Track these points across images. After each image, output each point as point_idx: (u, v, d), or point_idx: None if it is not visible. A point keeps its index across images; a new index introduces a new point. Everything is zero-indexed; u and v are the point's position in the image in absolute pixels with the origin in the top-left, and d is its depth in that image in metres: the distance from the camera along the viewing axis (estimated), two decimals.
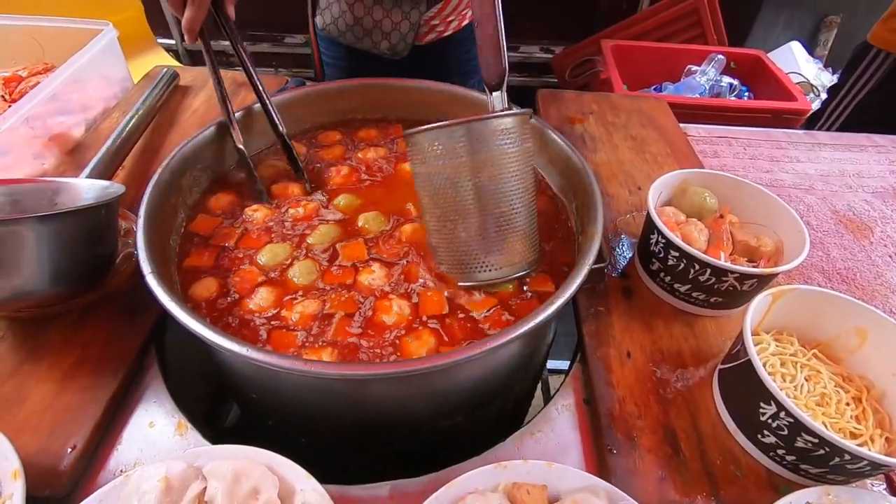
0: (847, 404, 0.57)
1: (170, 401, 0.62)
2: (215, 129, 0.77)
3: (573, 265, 0.60)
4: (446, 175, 0.58)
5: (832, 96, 1.66)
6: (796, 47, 2.56)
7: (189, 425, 0.60)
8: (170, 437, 0.59)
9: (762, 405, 0.54)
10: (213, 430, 0.61)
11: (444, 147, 0.58)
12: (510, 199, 0.59)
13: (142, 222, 0.61)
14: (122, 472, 0.55)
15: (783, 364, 0.60)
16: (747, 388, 0.56)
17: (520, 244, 0.62)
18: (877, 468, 0.50)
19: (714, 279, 0.66)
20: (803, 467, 0.54)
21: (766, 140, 1.17)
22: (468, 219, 0.59)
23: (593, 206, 0.66)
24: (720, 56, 2.11)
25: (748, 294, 0.67)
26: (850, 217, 0.97)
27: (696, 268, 0.66)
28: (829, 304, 0.61)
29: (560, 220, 0.76)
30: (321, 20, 1.16)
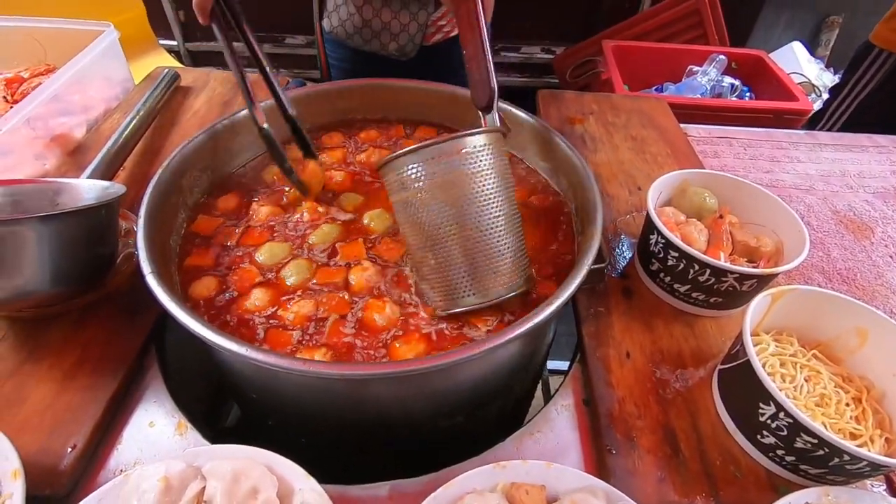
0: (847, 405, 0.57)
1: (170, 401, 0.63)
2: (215, 130, 0.77)
3: (572, 265, 0.60)
4: (419, 200, 0.56)
5: (833, 96, 1.66)
6: (798, 47, 2.56)
7: (189, 425, 0.60)
8: (170, 437, 0.59)
9: (761, 405, 0.54)
10: (213, 430, 0.62)
11: (417, 171, 0.56)
12: (487, 220, 0.57)
13: (142, 222, 0.61)
14: (122, 471, 0.56)
15: (783, 364, 0.59)
16: (747, 389, 0.56)
17: (504, 266, 0.59)
18: (876, 469, 0.50)
19: (714, 279, 0.66)
20: (803, 468, 0.54)
21: (766, 140, 1.17)
22: (446, 243, 0.57)
23: (593, 206, 0.66)
24: (721, 56, 2.10)
25: (748, 294, 0.67)
26: (850, 217, 0.97)
27: (696, 268, 0.66)
28: (829, 305, 0.61)
29: (560, 221, 0.76)
30: (328, 23, 1.17)
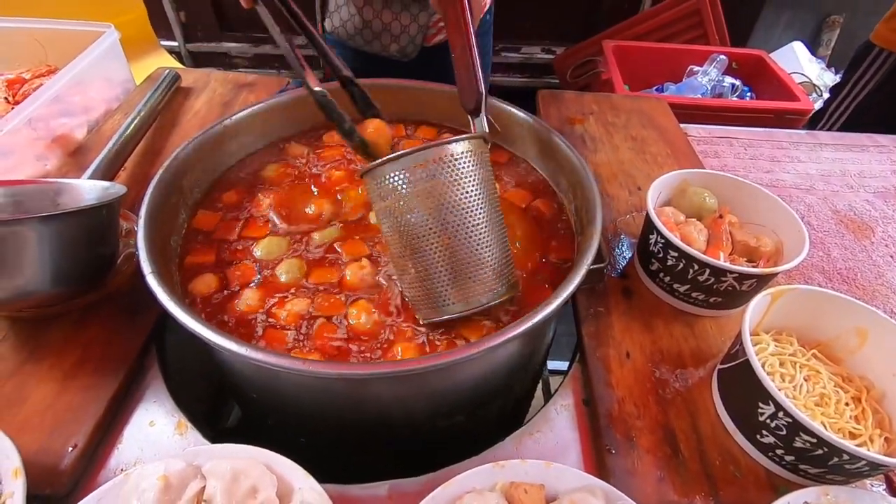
0: (846, 404, 0.57)
1: (170, 400, 0.63)
2: (216, 131, 0.78)
3: (572, 265, 0.60)
4: (400, 208, 0.56)
5: (834, 96, 1.66)
6: (798, 47, 2.56)
7: (189, 425, 0.61)
8: (170, 437, 0.60)
9: (761, 405, 0.54)
10: (213, 430, 0.62)
11: (394, 180, 0.55)
12: (469, 228, 0.56)
13: (143, 223, 0.61)
14: (123, 470, 0.56)
15: (782, 364, 0.59)
16: (746, 388, 0.56)
17: (486, 274, 0.58)
18: (875, 468, 0.50)
19: (713, 279, 0.66)
20: (802, 467, 0.54)
21: (766, 140, 1.17)
22: (427, 251, 0.56)
23: (592, 206, 0.66)
24: (722, 56, 2.10)
25: (747, 294, 0.67)
26: (850, 217, 0.97)
27: (696, 268, 0.66)
28: (829, 304, 0.61)
29: (560, 221, 0.76)
30: (330, 23, 1.17)
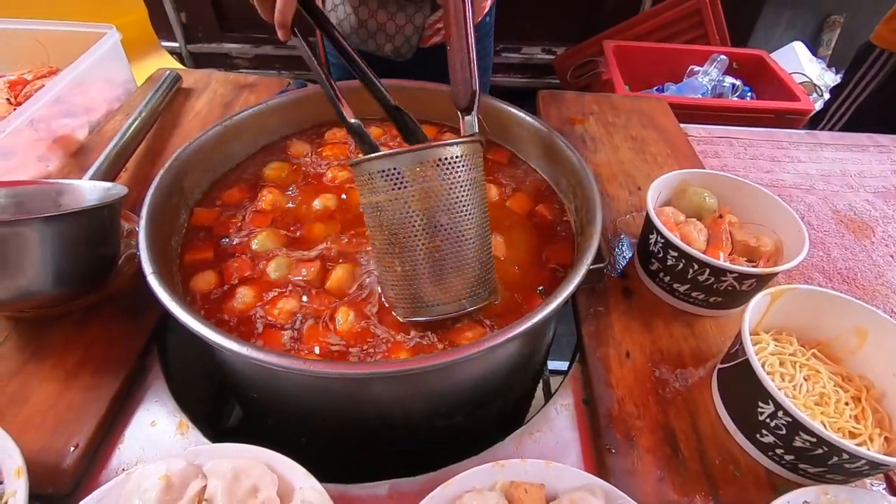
0: (846, 404, 0.57)
1: (171, 400, 0.63)
2: (217, 132, 0.78)
3: (572, 265, 0.60)
4: (391, 205, 0.56)
5: (834, 96, 1.65)
6: (799, 47, 2.56)
7: (190, 424, 0.61)
8: (171, 437, 0.60)
9: (760, 404, 0.54)
10: (214, 430, 0.62)
11: (388, 177, 0.55)
12: (458, 231, 0.56)
13: (144, 223, 0.61)
14: (124, 470, 0.56)
15: (782, 364, 0.60)
16: (746, 388, 0.56)
17: (471, 278, 0.58)
18: (875, 467, 0.50)
19: (713, 279, 0.66)
20: (802, 467, 0.54)
21: (767, 140, 1.17)
22: (414, 250, 0.57)
23: (592, 206, 0.66)
24: (722, 56, 2.11)
25: (747, 294, 0.67)
26: (851, 217, 0.97)
27: (695, 268, 0.66)
28: (829, 304, 0.61)
29: (560, 224, 0.76)
30: None
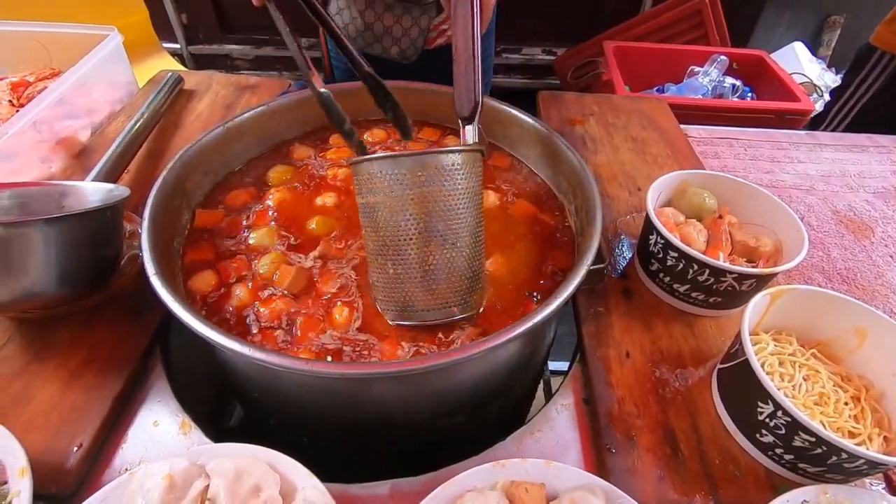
0: (846, 404, 0.57)
1: (174, 401, 0.63)
2: (218, 133, 0.78)
3: (572, 266, 0.60)
4: (389, 207, 0.56)
5: (836, 98, 1.65)
6: (799, 48, 2.56)
7: (193, 424, 0.61)
8: (174, 436, 0.60)
9: (760, 404, 0.54)
10: (216, 430, 0.62)
11: (388, 178, 0.56)
12: (453, 238, 0.57)
13: (146, 225, 0.61)
14: (127, 470, 0.56)
15: (781, 364, 0.60)
16: (745, 388, 0.56)
17: (462, 286, 0.59)
18: (874, 467, 0.50)
19: (713, 279, 0.66)
20: (801, 466, 0.54)
21: (767, 141, 1.17)
22: (407, 254, 0.57)
23: (592, 207, 0.66)
24: (723, 57, 2.11)
25: (747, 294, 0.67)
26: (850, 217, 0.97)
27: (695, 268, 0.66)
28: (828, 304, 0.62)
29: (561, 229, 0.76)
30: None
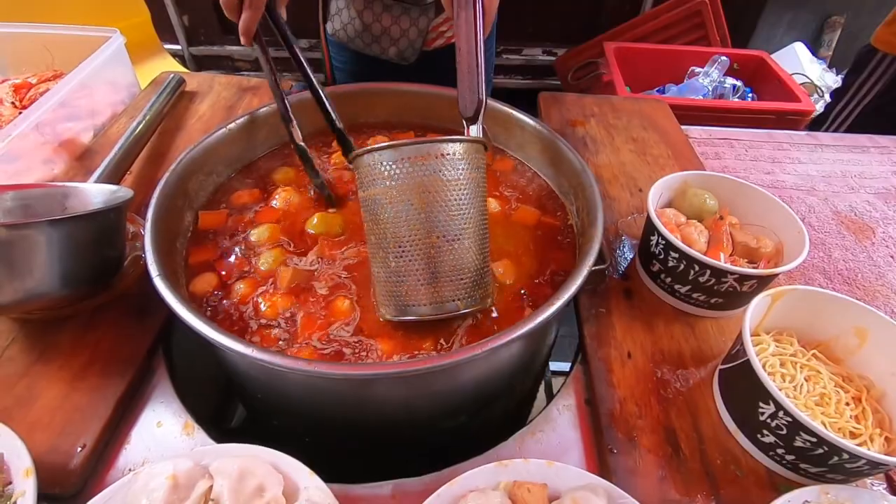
0: (847, 404, 0.57)
1: (177, 401, 0.63)
2: (220, 134, 0.79)
3: (574, 267, 0.61)
4: (389, 197, 0.56)
5: (836, 100, 1.65)
6: (800, 48, 2.56)
7: (195, 425, 0.61)
8: (177, 437, 0.60)
9: (761, 405, 0.54)
10: (219, 431, 0.62)
11: (388, 167, 0.55)
12: (455, 229, 0.56)
13: (149, 226, 0.62)
14: (131, 470, 0.56)
15: (783, 364, 0.60)
16: (747, 388, 0.56)
17: (465, 280, 0.57)
18: (875, 467, 0.50)
19: (714, 280, 0.66)
20: (803, 466, 0.54)
21: (767, 141, 1.17)
22: (408, 246, 0.56)
23: (593, 208, 0.67)
24: (723, 57, 2.11)
25: (748, 295, 0.67)
26: (851, 218, 0.97)
27: (696, 269, 0.67)
28: (829, 305, 0.62)
29: (564, 230, 0.77)
30: (331, 26, 1.18)
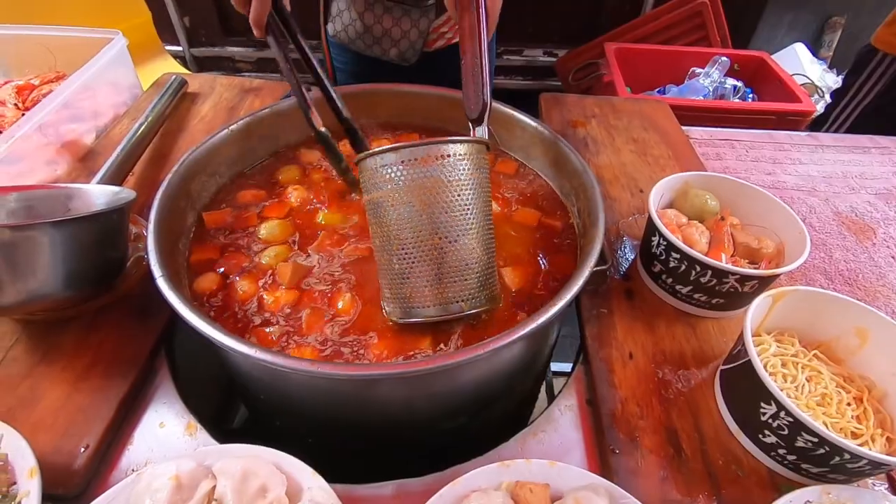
0: (848, 404, 0.57)
1: (179, 402, 0.64)
2: (222, 135, 0.79)
3: (575, 268, 0.61)
4: (392, 199, 0.56)
5: (837, 101, 1.65)
6: (800, 48, 2.56)
7: (198, 426, 0.61)
8: (179, 437, 0.61)
9: (763, 405, 0.54)
10: (221, 431, 0.62)
11: (391, 169, 0.55)
12: (458, 230, 0.56)
13: (152, 227, 0.62)
14: (134, 471, 0.57)
15: (784, 364, 0.60)
16: (748, 389, 0.56)
17: (470, 281, 0.57)
18: (877, 467, 0.50)
19: (715, 281, 0.67)
20: (804, 467, 0.54)
21: (768, 142, 1.17)
22: (413, 247, 0.56)
23: (595, 208, 0.67)
24: (724, 58, 2.11)
25: (749, 295, 0.67)
26: (852, 218, 0.97)
27: (698, 269, 0.67)
28: (830, 305, 0.62)
29: (564, 223, 0.77)
30: (332, 27, 1.19)
